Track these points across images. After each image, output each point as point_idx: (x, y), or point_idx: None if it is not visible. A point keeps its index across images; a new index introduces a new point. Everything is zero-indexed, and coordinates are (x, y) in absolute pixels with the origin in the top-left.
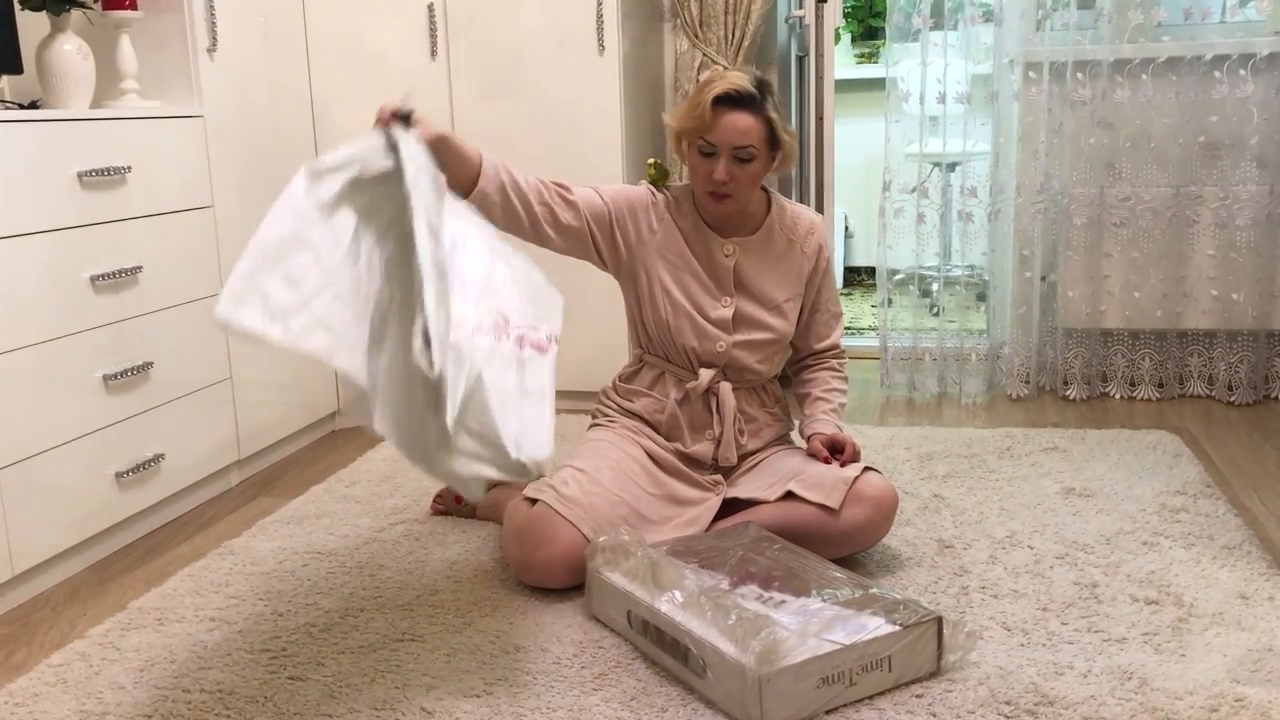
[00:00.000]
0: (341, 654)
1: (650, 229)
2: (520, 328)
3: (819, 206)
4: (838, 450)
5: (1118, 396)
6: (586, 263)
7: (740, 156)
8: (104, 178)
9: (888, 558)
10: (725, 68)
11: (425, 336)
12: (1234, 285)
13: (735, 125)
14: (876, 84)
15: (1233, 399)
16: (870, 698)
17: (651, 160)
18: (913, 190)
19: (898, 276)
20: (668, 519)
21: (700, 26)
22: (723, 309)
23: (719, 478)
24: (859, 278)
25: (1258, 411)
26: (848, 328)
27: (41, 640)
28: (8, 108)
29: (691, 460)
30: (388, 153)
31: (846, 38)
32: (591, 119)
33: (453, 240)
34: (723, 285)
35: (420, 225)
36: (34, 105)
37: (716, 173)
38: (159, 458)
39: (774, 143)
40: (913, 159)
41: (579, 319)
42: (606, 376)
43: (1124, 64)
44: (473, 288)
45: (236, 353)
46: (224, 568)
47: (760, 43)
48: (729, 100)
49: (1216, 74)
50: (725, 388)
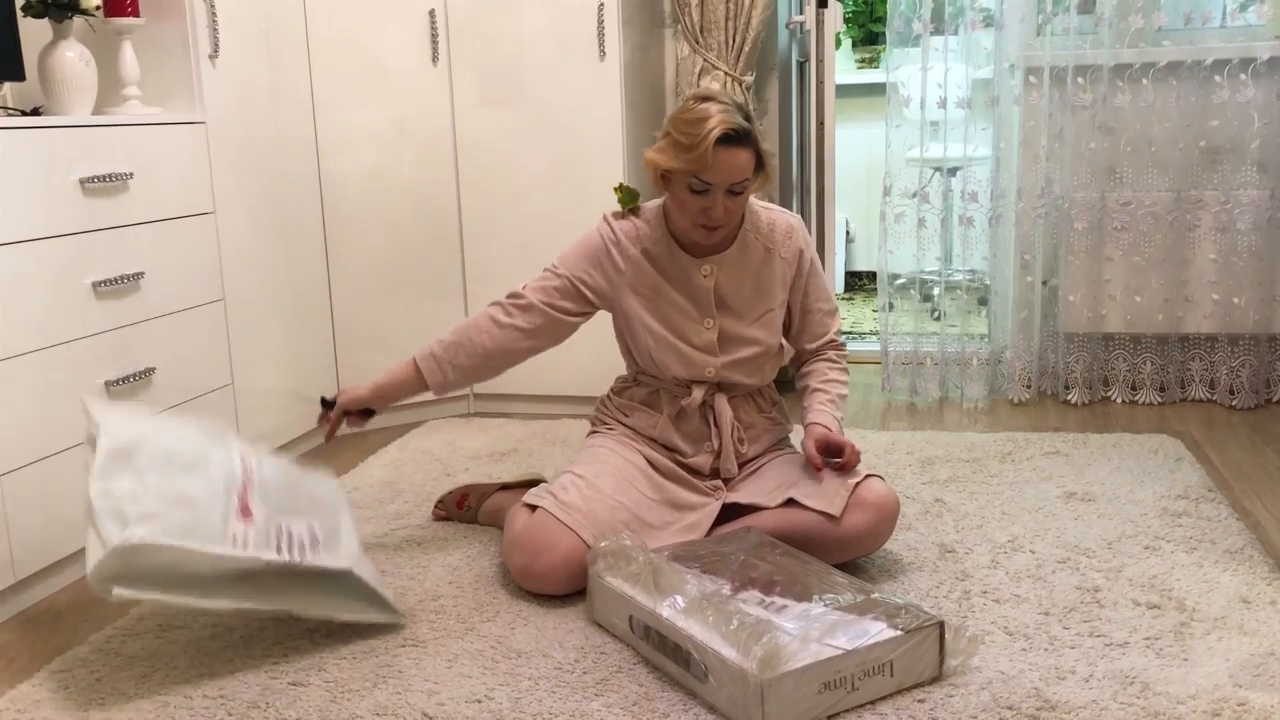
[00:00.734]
0: (343, 659)
1: (616, 270)
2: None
3: (820, 211)
4: (836, 453)
5: (1119, 401)
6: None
7: (735, 190)
8: (106, 184)
9: (889, 562)
10: (707, 97)
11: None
12: (1235, 289)
13: (733, 164)
14: (877, 89)
15: (1234, 403)
16: (872, 703)
17: (619, 184)
18: (914, 195)
19: (899, 281)
20: (668, 524)
21: (701, 32)
22: (706, 332)
23: (719, 483)
24: (860, 282)
25: (1259, 415)
26: (849, 332)
27: (43, 647)
28: (10, 114)
29: (691, 469)
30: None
31: (847, 43)
32: (592, 125)
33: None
34: (703, 307)
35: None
36: (36, 112)
37: (714, 210)
38: None
39: (759, 165)
40: (914, 164)
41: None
42: (606, 382)
43: (1124, 69)
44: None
45: (238, 359)
46: None
47: (761, 48)
48: (727, 139)
49: (1217, 78)
50: (721, 400)
